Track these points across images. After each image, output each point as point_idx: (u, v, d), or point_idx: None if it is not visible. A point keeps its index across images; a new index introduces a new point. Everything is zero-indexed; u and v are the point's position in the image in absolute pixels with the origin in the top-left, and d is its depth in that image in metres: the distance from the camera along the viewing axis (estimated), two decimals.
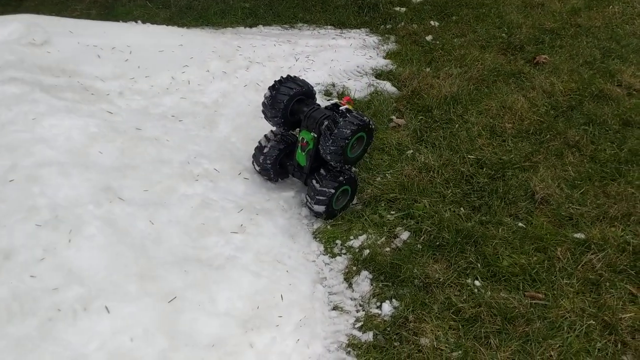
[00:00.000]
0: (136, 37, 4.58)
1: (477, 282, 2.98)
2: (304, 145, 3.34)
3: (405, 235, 3.29)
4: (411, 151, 3.93)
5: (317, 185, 3.28)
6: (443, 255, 3.14)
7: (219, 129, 3.93)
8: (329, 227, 3.32)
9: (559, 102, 4.49)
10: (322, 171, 3.33)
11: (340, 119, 3.12)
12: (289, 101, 3.34)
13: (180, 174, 3.35)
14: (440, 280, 2.97)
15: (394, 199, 3.52)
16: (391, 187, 3.59)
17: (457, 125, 4.20)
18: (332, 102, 3.42)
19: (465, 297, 2.89)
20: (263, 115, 3.48)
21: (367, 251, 3.12)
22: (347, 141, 3.12)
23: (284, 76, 3.44)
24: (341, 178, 3.30)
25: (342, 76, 4.81)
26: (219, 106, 4.17)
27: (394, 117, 4.29)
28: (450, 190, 3.61)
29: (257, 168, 3.54)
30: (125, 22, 5.26)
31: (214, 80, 4.43)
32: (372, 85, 4.68)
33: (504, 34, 5.63)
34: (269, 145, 3.47)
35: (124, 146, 3.37)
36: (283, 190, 3.55)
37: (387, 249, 3.21)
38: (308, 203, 3.34)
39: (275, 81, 3.41)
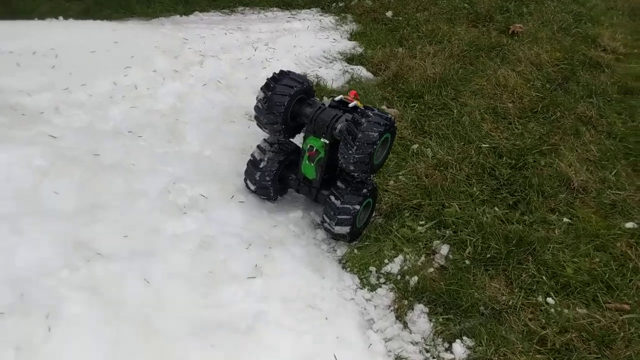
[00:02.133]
0: (59, 36, 3.70)
1: (549, 300, 2.51)
2: (312, 154, 2.72)
3: (444, 249, 2.77)
4: (417, 145, 3.41)
5: (337, 203, 2.67)
6: (498, 270, 2.66)
7: (188, 141, 3.20)
8: (355, 251, 2.74)
9: (551, 74, 4.13)
10: (339, 184, 2.73)
11: (363, 120, 2.53)
12: (289, 103, 2.69)
13: (162, 208, 2.62)
14: (510, 303, 2.49)
15: (418, 205, 2.98)
16: (411, 191, 3.05)
17: (455, 111, 3.72)
18: (335, 98, 2.82)
19: (543, 321, 2.42)
20: (256, 122, 2.81)
21: (414, 279, 2.57)
22: (374, 146, 2.53)
23: (277, 72, 2.78)
24: (365, 190, 2.71)
25: (310, 64, 4.18)
26: (178, 113, 3.43)
27: (385, 107, 3.74)
28: (475, 187, 3.13)
29: (253, 187, 2.87)
30: (43, 19, 4.31)
31: (164, 81, 3.66)
32: (347, 71, 4.10)
33: (466, 4, 5.21)
34: (265, 159, 2.81)
35: (83, 180, 2.58)
36: (287, 210, 2.91)
37: (431, 269, 2.68)
38: (326, 224, 2.74)
39: (268, 79, 2.75)
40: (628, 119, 3.68)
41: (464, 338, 2.36)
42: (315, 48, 4.34)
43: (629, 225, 2.90)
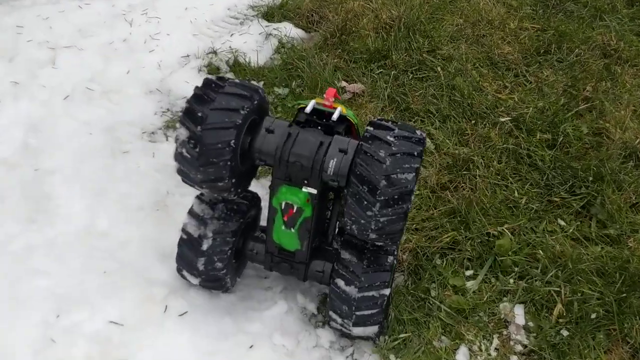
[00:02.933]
0: None
1: None
2: (291, 215, 1.57)
3: (519, 313, 1.78)
4: None
5: (351, 291, 1.58)
6: (612, 337, 1.72)
7: (65, 210, 1.93)
8: (391, 357, 1.67)
9: None
10: (346, 255, 1.62)
11: (383, 153, 1.42)
12: (238, 139, 1.50)
13: None
14: None
15: (453, 243, 1.95)
16: (433, 220, 2.00)
17: (440, 70, 2.64)
18: (306, 108, 1.66)
19: None
20: (181, 178, 1.60)
21: None
22: (412, 196, 1.44)
23: (203, 82, 1.57)
24: (391, 258, 1.63)
25: (216, 32, 2.90)
26: (36, 156, 2.11)
27: (344, 84, 2.60)
28: (517, 191, 2.13)
29: (195, 280, 1.70)
30: None
31: (1, 103, 2.30)
32: (270, 34, 2.86)
33: None
34: (209, 233, 1.63)
35: None
36: (259, 306, 1.76)
37: (514, 358, 1.69)
38: (336, 324, 1.65)
39: (190, 101, 1.53)
40: None
41: None
42: (216, 6, 3.03)
43: None
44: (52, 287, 1.66)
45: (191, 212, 1.68)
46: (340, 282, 1.60)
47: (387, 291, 1.59)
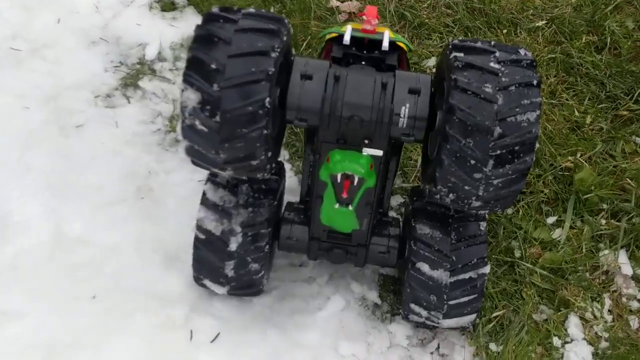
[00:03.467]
0: None
1: None
2: (348, 187, 1.14)
3: (624, 260, 1.46)
4: (433, 59, 1.91)
5: (440, 275, 1.19)
6: None
7: (18, 218, 1.42)
8: (491, 346, 1.31)
9: None
10: (423, 229, 1.22)
11: (490, 86, 1.01)
12: (273, 92, 1.04)
13: None
14: None
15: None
16: None
17: None
18: (345, 35, 1.20)
19: None
20: (192, 160, 1.13)
21: None
22: (536, 142, 1.04)
23: (211, 12, 1.10)
24: (484, 224, 1.24)
25: (103, 14, 2.24)
26: None
27: (335, 2, 2.11)
28: (577, 110, 1.76)
29: (222, 290, 1.27)
30: None
31: None
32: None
33: None
34: (239, 228, 1.19)
35: None
36: (306, 307, 1.35)
37: (634, 320, 1.37)
38: (419, 317, 1.27)
39: (192, 46, 1.06)
40: None
41: None
42: None
43: None
44: (30, 333, 1.19)
45: (206, 203, 1.22)
46: (424, 267, 1.21)
47: (487, 268, 1.21)
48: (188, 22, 2.04)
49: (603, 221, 1.52)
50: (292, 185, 1.59)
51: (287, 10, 2.06)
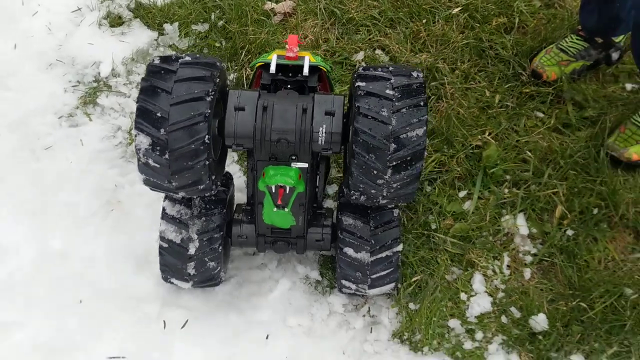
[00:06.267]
0: None
1: None
2: (283, 195, 1.44)
3: (522, 223, 1.79)
4: (361, 54, 2.18)
5: (363, 257, 1.51)
6: (615, 225, 1.76)
7: (6, 240, 1.71)
8: (410, 305, 1.64)
9: None
10: (347, 220, 1.53)
11: (386, 111, 1.32)
12: (211, 130, 1.33)
13: None
14: None
15: (439, 165, 1.89)
16: None
17: None
18: (271, 64, 1.48)
19: None
20: (150, 187, 1.42)
21: (540, 319, 1.59)
22: (425, 152, 1.34)
23: (151, 65, 1.37)
24: (397, 211, 1.55)
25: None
26: None
27: (270, 4, 2.35)
28: (487, 90, 2.06)
29: (187, 285, 1.58)
30: None
31: None
32: None
33: None
34: (194, 236, 1.49)
35: None
36: (259, 290, 1.67)
37: (527, 271, 1.71)
38: (351, 290, 1.60)
39: (139, 97, 1.32)
40: None
41: None
42: None
43: None
44: (31, 338, 1.50)
45: (165, 217, 1.51)
46: (349, 251, 1.52)
47: (399, 247, 1.54)
48: (136, 37, 2.29)
49: (506, 190, 1.84)
50: (242, 185, 1.88)
51: (226, 17, 2.31)
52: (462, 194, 1.84)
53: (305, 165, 1.43)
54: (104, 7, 2.35)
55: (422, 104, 1.34)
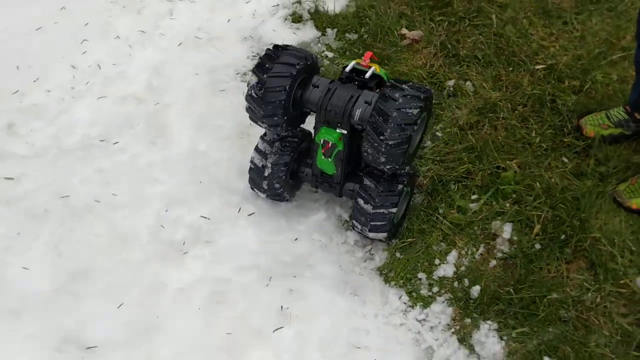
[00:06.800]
0: None
1: None
2: (328, 149, 2.24)
3: (507, 230, 2.34)
4: (452, 81, 2.85)
5: (367, 207, 2.24)
6: (576, 251, 2.25)
7: (177, 136, 2.73)
8: (397, 254, 2.34)
9: None
10: (367, 182, 2.27)
11: (398, 94, 2.02)
12: (291, 87, 2.17)
13: (157, 254, 2.25)
14: (598, 300, 2.10)
15: (467, 173, 2.51)
16: (455, 154, 2.56)
17: (494, 18, 3.07)
18: (346, 67, 2.27)
19: None
20: (249, 115, 2.31)
21: (475, 288, 2.19)
22: (414, 127, 2.04)
23: (271, 46, 2.23)
24: (400, 187, 2.25)
25: None
26: (157, 93, 2.92)
27: (405, 30, 3.12)
28: (535, 131, 2.61)
29: (263, 195, 2.45)
30: None
31: (132, 50, 3.12)
32: None
33: None
34: (269, 164, 2.34)
35: (56, 240, 2.22)
36: (307, 212, 2.49)
37: (493, 262, 2.28)
38: (357, 229, 2.33)
39: (261, 58, 2.20)
40: None
41: (546, 358, 2.02)
42: None
43: None
44: (165, 191, 2.49)
45: (256, 149, 2.39)
46: (361, 201, 2.26)
47: (394, 210, 2.23)
48: (305, 33, 3.21)
49: (507, 204, 2.41)
50: None
51: (369, 32, 3.11)
52: (474, 197, 2.45)
53: (344, 131, 2.19)
54: (293, 7, 3.32)
55: (421, 97, 2.02)
